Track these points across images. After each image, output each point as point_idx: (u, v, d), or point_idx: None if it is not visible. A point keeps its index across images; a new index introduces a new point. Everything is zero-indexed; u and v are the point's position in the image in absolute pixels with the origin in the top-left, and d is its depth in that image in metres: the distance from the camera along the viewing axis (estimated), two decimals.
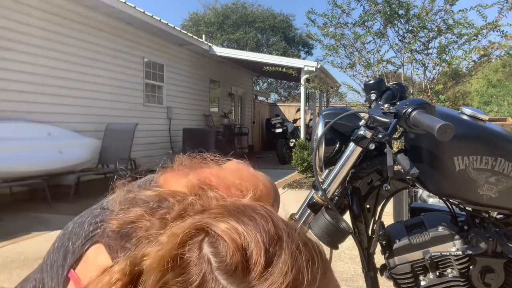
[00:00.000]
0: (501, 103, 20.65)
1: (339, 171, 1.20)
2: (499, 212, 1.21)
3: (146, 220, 0.54)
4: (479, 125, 1.16)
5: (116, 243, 0.58)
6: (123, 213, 0.57)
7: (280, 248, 0.47)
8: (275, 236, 0.48)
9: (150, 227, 0.52)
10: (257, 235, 0.47)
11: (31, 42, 5.85)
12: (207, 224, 0.48)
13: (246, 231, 0.47)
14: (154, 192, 0.59)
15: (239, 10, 26.20)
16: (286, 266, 0.46)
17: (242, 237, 0.46)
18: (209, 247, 0.46)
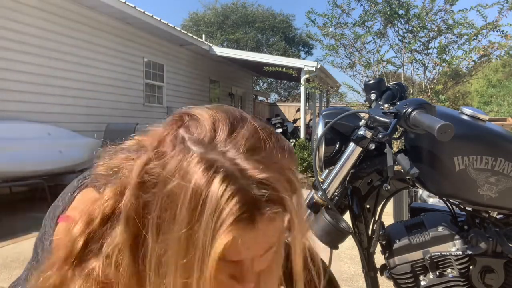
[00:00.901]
0: (501, 103, 20.64)
1: (339, 171, 1.20)
2: (499, 212, 1.21)
3: (129, 163, 0.60)
4: (479, 125, 1.16)
5: (103, 182, 0.65)
6: (109, 159, 0.65)
7: (243, 123, 0.59)
8: (240, 117, 0.60)
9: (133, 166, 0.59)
10: (224, 114, 0.59)
11: (31, 42, 5.85)
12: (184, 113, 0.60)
13: (215, 112, 0.59)
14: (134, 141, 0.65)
15: (239, 10, 26.20)
16: (248, 133, 0.57)
17: (211, 116, 0.58)
18: (184, 129, 0.57)
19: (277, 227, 0.58)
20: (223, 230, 0.52)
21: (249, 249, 0.57)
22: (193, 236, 0.52)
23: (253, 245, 0.57)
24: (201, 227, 0.52)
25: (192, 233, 0.52)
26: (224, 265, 0.57)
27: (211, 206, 0.51)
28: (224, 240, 0.52)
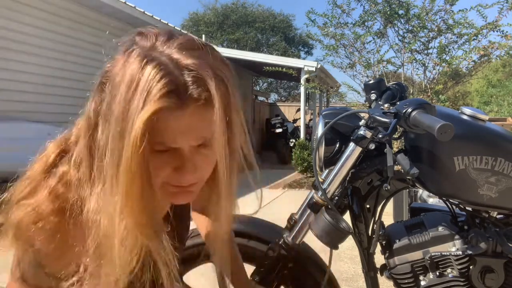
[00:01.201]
0: (501, 103, 20.64)
1: (339, 171, 1.20)
2: (499, 212, 1.21)
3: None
4: (479, 125, 1.16)
5: None
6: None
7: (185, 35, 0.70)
8: (179, 32, 0.71)
9: None
10: (168, 29, 0.71)
11: (31, 42, 5.85)
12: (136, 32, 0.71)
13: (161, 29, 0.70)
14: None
15: (239, 10, 26.19)
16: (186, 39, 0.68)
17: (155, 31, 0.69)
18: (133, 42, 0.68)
19: (210, 117, 0.65)
20: (151, 101, 0.61)
21: (184, 134, 0.65)
22: (129, 109, 0.62)
23: (187, 130, 0.65)
24: (134, 103, 0.61)
25: (128, 109, 0.62)
26: (166, 155, 0.67)
27: (142, 86, 0.61)
28: (152, 108, 0.61)
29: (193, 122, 0.65)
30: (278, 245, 1.27)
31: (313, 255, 1.38)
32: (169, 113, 0.63)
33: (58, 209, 0.69)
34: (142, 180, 0.64)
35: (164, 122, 0.63)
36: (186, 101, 0.63)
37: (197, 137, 0.67)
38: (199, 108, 0.64)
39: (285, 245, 1.26)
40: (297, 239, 1.26)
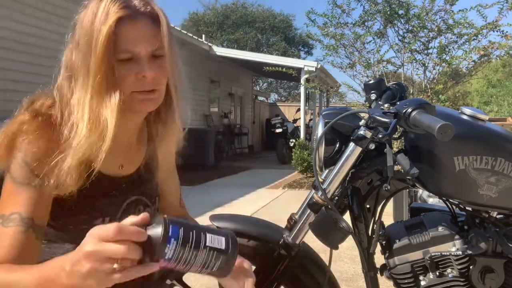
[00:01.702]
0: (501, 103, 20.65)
1: (339, 171, 1.20)
2: (499, 212, 1.21)
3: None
4: (479, 125, 1.16)
5: None
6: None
7: None
8: None
9: None
10: None
11: (31, 42, 5.85)
12: None
13: None
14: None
15: (239, 10, 26.19)
16: None
17: None
18: None
19: (158, 30, 0.87)
20: (111, 13, 0.82)
21: (140, 40, 0.85)
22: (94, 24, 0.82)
23: (142, 37, 0.85)
24: (97, 21, 0.82)
25: (93, 23, 0.83)
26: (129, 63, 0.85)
27: (102, 9, 0.83)
28: (113, 17, 0.81)
29: (146, 32, 0.86)
30: (278, 245, 1.27)
31: (313, 255, 1.38)
32: (126, 23, 0.83)
33: (42, 119, 0.86)
34: (107, 76, 0.82)
35: (124, 31, 0.83)
36: (138, 14, 0.85)
37: (151, 43, 0.86)
38: (149, 21, 0.86)
39: (285, 245, 1.26)
40: (297, 239, 1.26)
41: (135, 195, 0.98)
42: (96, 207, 0.89)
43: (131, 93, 0.87)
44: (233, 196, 6.17)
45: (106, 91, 0.83)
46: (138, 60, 0.85)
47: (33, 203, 0.83)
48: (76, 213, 0.87)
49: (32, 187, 0.83)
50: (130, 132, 0.97)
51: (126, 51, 0.84)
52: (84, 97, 0.84)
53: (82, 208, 0.87)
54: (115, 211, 0.93)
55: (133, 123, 0.96)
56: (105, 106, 0.83)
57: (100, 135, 0.83)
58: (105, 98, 0.83)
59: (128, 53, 0.84)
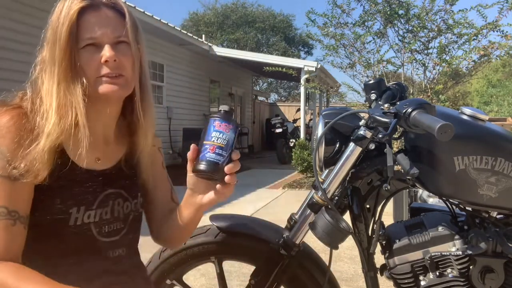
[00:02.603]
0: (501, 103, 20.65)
1: (339, 171, 1.20)
2: (499, 212, 1.21)
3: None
4: (479, 125, 1.16)
5: None
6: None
7: None
8: None
9: None
10: None
11: (31, 42, 5.85)
12: None
13: None
14: None
15: (239, 10, 26.19)
16: None
17: None
18: None
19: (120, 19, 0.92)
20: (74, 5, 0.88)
21: (102, 27, 0.89)
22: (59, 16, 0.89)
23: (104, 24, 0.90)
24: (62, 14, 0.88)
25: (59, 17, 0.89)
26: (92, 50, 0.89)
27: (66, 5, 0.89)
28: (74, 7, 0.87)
29: (108, 20, 0.90)
30: (278, 245, 1.27)
31: (313, 255, 1.38)
32: (88, 12, 0.89)
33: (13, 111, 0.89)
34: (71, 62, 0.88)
35: (87, 20, 0.89)
36: (100, 4, 0.90)
37: (113, 31, 0.90)
38: (112, 11, 0.91)
39: (285, 245, 1.26)
40: (297, 239, 1.26)
41: (114, 188, 0.99)
42: (70, 196, 0.91)
43: (96, 79, 0.90)
44: (233, 196, 6.15)
45: (72, 78, 0.88)
46: (100, 46, 0.89)
47: (14, 194, 0.85)
48: (51, 203, 0.89)
49: (12, 178, 0.85)
50: (104, 124, 0.99)
51: (88, 38, 0.89)
52: (52, 85, 0.89)
53: (56, 197, 0.89)
54: (91, 200, 0.94)
55: (106, 115, 0.97)
56: (71, 93, 0.88)
57: (71, 121, 0.87)
58: (71, 85, 0.88)
59: (90, 40, 0.89)
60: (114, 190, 0.99)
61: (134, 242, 1.06)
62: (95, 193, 0.95)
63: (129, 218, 1.02)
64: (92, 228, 0.94)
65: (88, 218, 0.93)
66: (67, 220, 0.90)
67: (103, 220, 0.96)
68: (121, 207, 1.00)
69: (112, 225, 0.98)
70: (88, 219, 0.93)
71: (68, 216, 0.90)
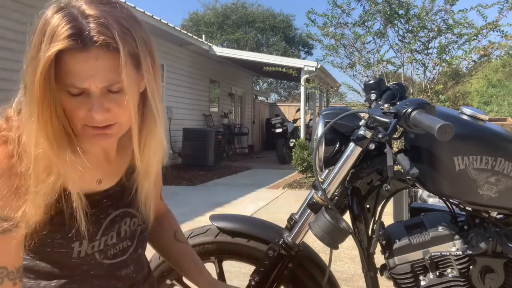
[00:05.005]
0: (501, 103, 20.65)
1: (339, 171, 1.20)
2: (499, 212, 1.21)
3: None
4: (479, 125, 1.16)
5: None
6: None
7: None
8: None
9: None
10: None
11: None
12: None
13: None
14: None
15: (239, 10, 26.19)
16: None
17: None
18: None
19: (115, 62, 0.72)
20: (55, 42, 0.70)
21: (90, 76, 0.72)
22: (39, 50, 0.71)
23: (93, 73, 0.72)
24: (42, 45, 0.71)
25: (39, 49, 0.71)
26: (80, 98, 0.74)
27: (49, 31, 0.71)
28: (55, 48, 0.70)
29: (98, 65, 0.72)
30: (278, 245, 1.27)
31: (313, 255, 1.38)
32: (72, 55, 0.72)
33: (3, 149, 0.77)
34: (50, 111, 0.73)
35: (71, 64, 0.72)
36: (88, 44, 0.71)
37: (103, 79, 0.74)
38: (102, 51, 0.72)
39: (285, 245, 1.26)
40: (297, 239, 1.26)
41: (120, 208, 0.92)
42: (70, 230, 0.82)
43: (83, 126, 0.77)
44: (233, 196, 6.16)
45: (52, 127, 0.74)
46: (89, 94, 0.74)
47: (1, 249, 0.75)
48: (50, 238, 0.81)
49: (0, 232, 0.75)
50: (104, 148, 0.89)
51: (72, 86, 0.73)
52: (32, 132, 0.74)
53: (55, 231, 0.81)
54: (94, 231, 0.86)
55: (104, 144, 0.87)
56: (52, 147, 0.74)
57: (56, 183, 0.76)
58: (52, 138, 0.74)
59: (75, 89, 0.74)
60: (119, 212, 0.91)
61: (142, 255, 1.01)
62: (98, 222, 0.87)
63: (137, 233, 0.96)
64: (96, 256, 0.87)
65: (92, 249, 0.86)
66: (69, 253, 0.83)
67: (108, 245, 0.89)
68: (128, 226, 0.93)
69: (119, 246, 0.92)
70: (92, 249, 0.86)
71: (71, 250, 0.83)
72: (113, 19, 0.74)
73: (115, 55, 0.72)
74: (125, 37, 0.73)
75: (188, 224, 4.00)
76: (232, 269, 2.71)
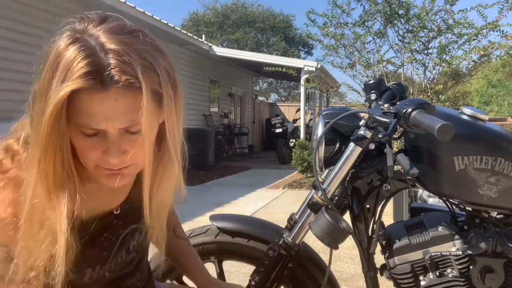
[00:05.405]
0: (501, 103, 20.66)
1: (339, 171, 1.20)
2: (499, 212, 1.21)
3: None
4: (479, 125, 1.16)
5: None
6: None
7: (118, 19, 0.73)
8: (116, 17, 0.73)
9: None
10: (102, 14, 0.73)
11: (31, 42, 5.85)
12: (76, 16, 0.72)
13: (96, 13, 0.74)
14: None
15: (239, 10, 26.19)
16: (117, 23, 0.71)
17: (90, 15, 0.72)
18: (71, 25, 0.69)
19: (136, 102, 0.65)
20: (69, 81, 0.61)
21: (108, 117, 0.65)
22: (50, 87, 0.63)
23: (111, 114, 0.65)
24: (53, 81, 0.63)
25: (49, 85, 0.63)
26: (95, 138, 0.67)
27: (63, 65, 0.62)
28: (69, 88, 0.61)
29: (117, 106, 0.65)
30: (278, 245, 1.27)
31: (313, 255, 1.38)
32: (89, 95, 0.63)
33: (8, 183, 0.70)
34: (55, 157, 0.66)
35: (86, 104, 0.64)
36: (107, 84, 0.63)
37: (122, 121, 0.66)
38: (123, 91, 0.64)
39: (285, 245, 1.26)
40: (297, 239, 1.26)
41: (130, 225, 0.89)
42: (83, 259, 0.79)
43: (96, 166, 0.71)
44: (233, 196, 6.16)
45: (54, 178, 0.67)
46: (104, 135, 0.67)
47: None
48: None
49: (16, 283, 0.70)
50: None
51: (87, 126, 0.66)
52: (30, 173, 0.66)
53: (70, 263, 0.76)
54: (107, 256, 0.85)
55: None
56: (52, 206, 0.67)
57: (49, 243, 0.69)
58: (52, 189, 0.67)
59: (90, 130, 0.66)
60: (129, 229, 0.88)
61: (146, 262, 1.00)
62: (110, 246, 0.84)
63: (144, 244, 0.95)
64: (106, 275, 0.86)
65: (103, 271, 0.85)
66: (81, 277, 0.81)
67: (118, 264, 0.88)
68: (136, 240, 0.91)
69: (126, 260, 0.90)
70: (103, 271, 0.85)
71: (82, 275, 0.81)
72: (136, 54, 0.65)
73: (136, 94, 0.65)
74: (148, 74, 0.65)
75: (188, 224, 4.00)
76: (232, 269, 2.71)
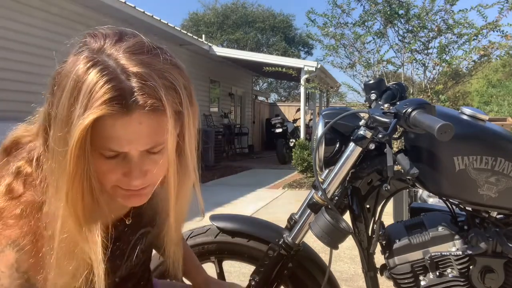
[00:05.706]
0: (501, 103, 20.65)
1: (339, 171, 1.20)
2: (499, 212, 1.21)
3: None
4: (479, 125, 1.16)
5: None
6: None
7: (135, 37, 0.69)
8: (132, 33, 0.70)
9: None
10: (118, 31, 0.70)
11: (31, 42, 5.85)
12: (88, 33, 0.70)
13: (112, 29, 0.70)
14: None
15: (239, 10, 26.19)
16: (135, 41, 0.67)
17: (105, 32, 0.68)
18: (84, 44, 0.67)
19: (159, 124, 0.65)
20: (92, 107, 0.60)
21: (131, 141, 0.64)
22: (71, 114, 0.61)
23: (134, 137, 0.64)
24: (76, 108, 0.60)
25: (71, 113, 0.61)
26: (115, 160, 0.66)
27: (84, 90, 0.60)
28: (93, 115, 0.60)
29: (141, 129, 0.64)
30: (278, 245, 1.27)
31: (313, 255, 1.38)
32: (113, 120, 0.62)
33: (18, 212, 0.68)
34: (83, 187, 0.64)
35: (109, 129, 0.63)
36: (131, 108, 0.62)
37: (145, 143, 0.66)
38: (147, 115, 0.63)
39: (285, 245, 1.26)
40: (297, 239, 1.26)
41: (139, 230, 0.89)
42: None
43: (114, 186, 0.70)
44: (233, 196, 6.16)
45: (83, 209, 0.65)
46: (126, 157, 0.67)
47: None
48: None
49: None
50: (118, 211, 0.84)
51: (109, 149, 0.65)
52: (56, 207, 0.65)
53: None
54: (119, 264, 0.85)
55: None
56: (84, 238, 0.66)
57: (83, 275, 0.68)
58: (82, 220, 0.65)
59: (112, 152, 0.66)
60: (138, 235, 0.88)
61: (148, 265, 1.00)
62: (122, 254, 0.84)
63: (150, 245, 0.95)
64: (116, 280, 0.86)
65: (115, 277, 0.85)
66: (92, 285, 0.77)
67: (128, 268, 0.88)
68: (144, 244, 0.91)
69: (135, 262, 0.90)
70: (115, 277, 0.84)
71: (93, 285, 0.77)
72: (158, 75, 0.65)
73: (159, 116, 0.64)
74: (170, 95, 0.65)
75: (188, 224, 3.99)
76: (232, 269, 2.71)
